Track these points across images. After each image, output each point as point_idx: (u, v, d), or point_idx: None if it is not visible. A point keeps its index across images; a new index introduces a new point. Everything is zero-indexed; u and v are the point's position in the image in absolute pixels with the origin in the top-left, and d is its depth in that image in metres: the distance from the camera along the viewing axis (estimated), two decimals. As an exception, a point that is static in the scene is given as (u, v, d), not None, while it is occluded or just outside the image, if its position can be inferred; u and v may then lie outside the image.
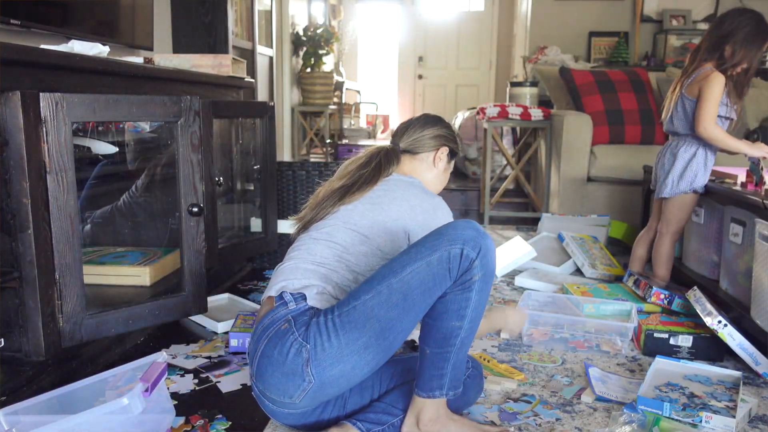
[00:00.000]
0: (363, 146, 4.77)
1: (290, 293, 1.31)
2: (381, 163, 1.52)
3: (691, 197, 2.24)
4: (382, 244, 1.41)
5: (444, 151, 1.60)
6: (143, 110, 1.65)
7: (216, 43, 3.18)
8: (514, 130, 4.92)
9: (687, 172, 2.20)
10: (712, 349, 1.83)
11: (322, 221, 1.45)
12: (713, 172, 2.25)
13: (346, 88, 6.76)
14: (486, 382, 1.67)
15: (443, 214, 1.48)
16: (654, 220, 2.44)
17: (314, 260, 1.37)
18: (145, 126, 2.11)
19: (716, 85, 2.09)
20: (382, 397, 1.38)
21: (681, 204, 2.24)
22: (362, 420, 1.32)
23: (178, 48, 3.13)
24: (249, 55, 4.01)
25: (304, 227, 1.49)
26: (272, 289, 1.36)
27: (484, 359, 1.80)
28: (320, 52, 5.66)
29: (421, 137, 1.58)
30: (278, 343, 1.25)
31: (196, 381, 1.67)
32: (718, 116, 2.16)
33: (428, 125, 1.60)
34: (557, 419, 1.49)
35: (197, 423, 1.45)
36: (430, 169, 1.60)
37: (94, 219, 2.13)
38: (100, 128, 1.93)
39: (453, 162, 1.65)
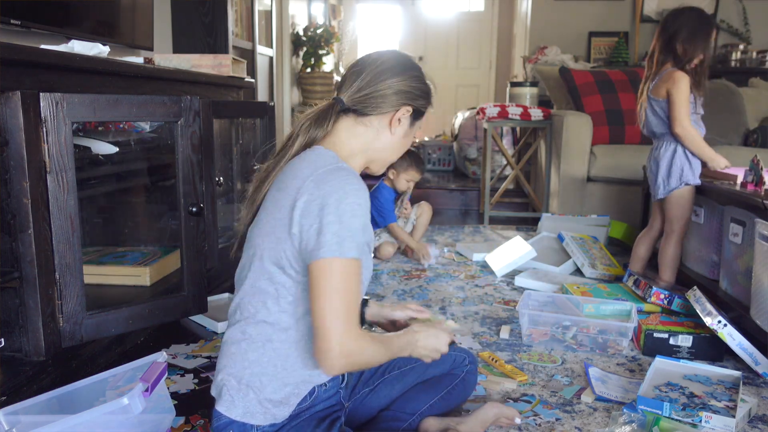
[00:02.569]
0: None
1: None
2: (300, 131, 1.19)
3: (687, 191, 2.24)
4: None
5: (405, 112, 1.20)
6: (143, 110, 1.65)
7: (216, 43, 3.18)
8: (514, 130, 4.93)
9: (673, 169, 2.24)
10: (711, 349, 1.83)
11: (245, 250, 1.20)
12: (714, 173, 2.25)
13: (346, 88, 6.75)
14: (486, 382, 1.67)
15: (351, 210, 1.06)
16: (654, 220, 2.44)
17: (250, 368, 1.13)
18: (145, 126, 2.11)
19: (682, 83, 2.17)
20: (389, 405, 1.36)
21: (678, 200, 2.25)
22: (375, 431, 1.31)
23: (178, 48, 3.13)
24: (249, 55, 4.01)
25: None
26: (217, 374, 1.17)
27: (492, 359, 1.81)
28: (320, 52, 5.65)
29: (374, 92, 1.17)
30: None
31: (196, 381, 1.67)
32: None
33: (388, 74, 1.18)
34: (557, 419, 1.49)
35: (197, 423, 1.45)
36: (380, 134, 1.20)
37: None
38: (100, 128, 1.94)
39: (418, 123, 1.25)
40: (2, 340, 1.40)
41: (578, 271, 2.74)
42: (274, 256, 1.11)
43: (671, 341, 1.86)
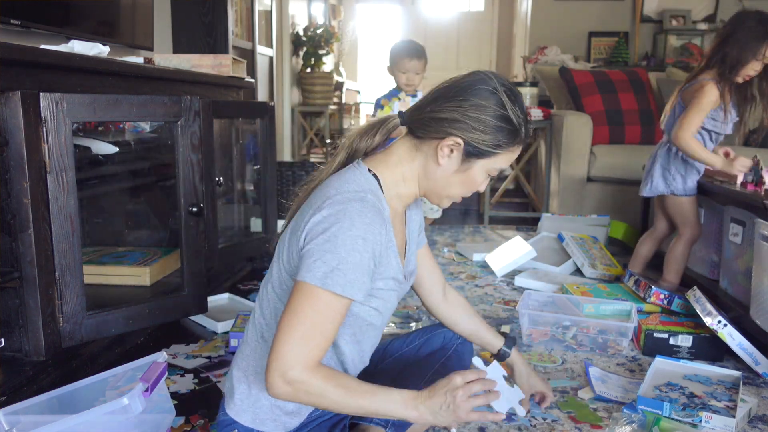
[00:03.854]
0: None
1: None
2: (347, 142, 1.13)
3: (689, 200, 2.23)
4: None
5: (453, 143, 1.05)
6: (143, 110, 1.65)
7: (216, 43, 3.18)
8: (514, 130, 4.92)
9: (666, 174, 2.22)
10: (711, 349, 1.83)
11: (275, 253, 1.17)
12: (714, 172, 2.24)
13: (346, 88, 6.76)
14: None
15: (352, 243, 0.99)
16: (658, 221, 2.43)
17: (264, 373, 1.02)
18: (145, 126, 2.11)
19: (706, 97, 2.07)
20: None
21: (676, 207, 2.25)
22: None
23: (178, 48, 3.13)
24: (249, 55, 4.01)
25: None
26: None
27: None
28: (320, 52, 5.66)
29: (429, 113, 1.06)
30: None
31: (196, 381, 1.67)
32: (704, 129, 2.16)
33: (450, 94, 1.05)
34: (556, 419, 1.49)
35: (197, 423, 1.45)
36: (428, 162, 1.09)
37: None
38: (100, 128, 1.94)
39: (481, 164, 1.08)
40: (2, 340, 1.40)
41: (578, 271, 2.74)
42: (288, 264, 1.09)
43: (671, 341, 1.86)
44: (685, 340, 1.85)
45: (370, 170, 1.10)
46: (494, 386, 1.06)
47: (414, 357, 1.37)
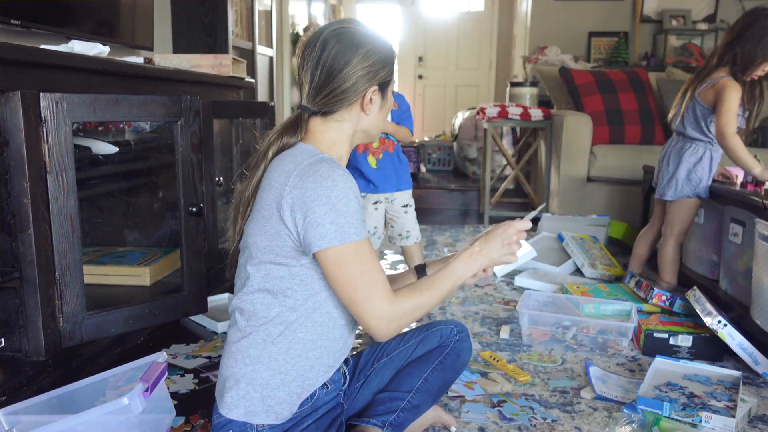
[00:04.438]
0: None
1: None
2: (271, 144, 1.19)
3: (695, 201, 2.22)
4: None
5: (372, 93, 1.16)
6: (143, 110, 1.65)
7: (216, 43, 3.18)
8: (514, 130, 4.93)
9: (692, 176, 2.18)
10: (711, 349, 1.83)
11: (240, 254, 1.21)
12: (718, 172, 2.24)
13: (346, 88, 6.75)
14: (486, 382, 1.67)
15: (344, 196, 1.07)
16: (656, 219, 2.42)
17: (251, 366, 1.14)
18: (145, 126, 2.11)
19: (734, 94, 2.05)
20: (384, 389, 1.33)
21: (685, 207, 2.23)
22: (374, 415, 1.27)
23: (178, 48, 3.13)
24: (249, 55, 4.01)
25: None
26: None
27: (493, 358, 1.81)
28: (320, 52, 5.65)
29: (334, 90, 1.13)
30: None
31: (196, 381, 1.67)
32: None
33: (340, 62, 1.12)
34: (556, 419, 1.49)
35: (197, 423, 1.45)
36: (357, 121, 1.19)
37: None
38: (100, 128, 1.94)
39: (391, 88, 1.21)
40: (2, 340, 1.40)
41: (578, 271, 2.74)
42: (269, 254, 1.11)
43: (671, 341, 1.86)
44: (685, 340, 1.85)
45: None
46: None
47: (411, 355, 1.37)
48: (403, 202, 2.20)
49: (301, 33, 5.53)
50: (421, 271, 1.40)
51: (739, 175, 2.18)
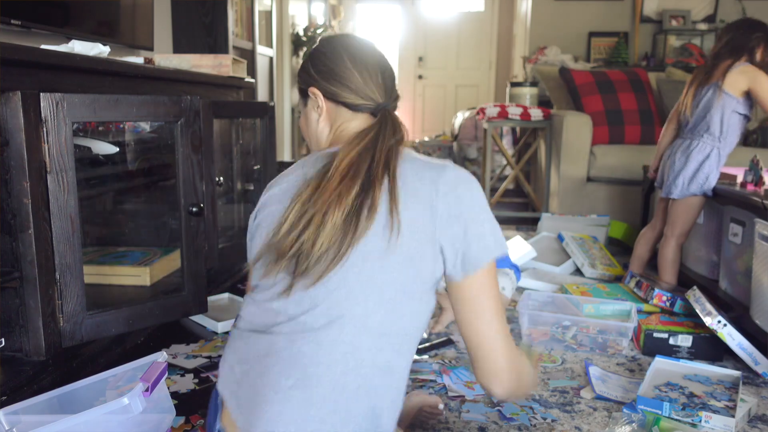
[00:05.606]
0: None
1: None
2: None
3: (700, 200, 2.21)
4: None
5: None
6: (143, 110, 1.65)
7: (216, 43, 3.18)
8: (514, 130, 4.93)
9: (699, 174, 2.17)
10: (711, 349, 1.83)
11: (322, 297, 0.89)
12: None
13: (346, 88, 6.74)
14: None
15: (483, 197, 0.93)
16: (658, 219, 2.42)
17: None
18: (145, 126, 2.11)
19: (763, 76, 2.08)
20: None
21: (689, 206, 2.22)
22: None
23: (178, 48, 3.13)
24: (249, 55, 4.01)
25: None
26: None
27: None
28: (320, 52, 5.65)
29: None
30: None
31: (196, 381, 1.67)
32: (741, 114, 2.15)
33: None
34: (556, 419, 1.49)
35: (197, 423, 1.45)
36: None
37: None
38: (100, 128, 1.94)
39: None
40: (2, 340, 1.40)
41: (578, 271, 2.74)
42: (432, 274, 0.90)
43: (671, 341, 1.86)
44: (684, 340, 1.85)
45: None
46: None
47: None
48: None
49: (301, 33, 5.53)
50: None
51: (739, 175, 2.18)
